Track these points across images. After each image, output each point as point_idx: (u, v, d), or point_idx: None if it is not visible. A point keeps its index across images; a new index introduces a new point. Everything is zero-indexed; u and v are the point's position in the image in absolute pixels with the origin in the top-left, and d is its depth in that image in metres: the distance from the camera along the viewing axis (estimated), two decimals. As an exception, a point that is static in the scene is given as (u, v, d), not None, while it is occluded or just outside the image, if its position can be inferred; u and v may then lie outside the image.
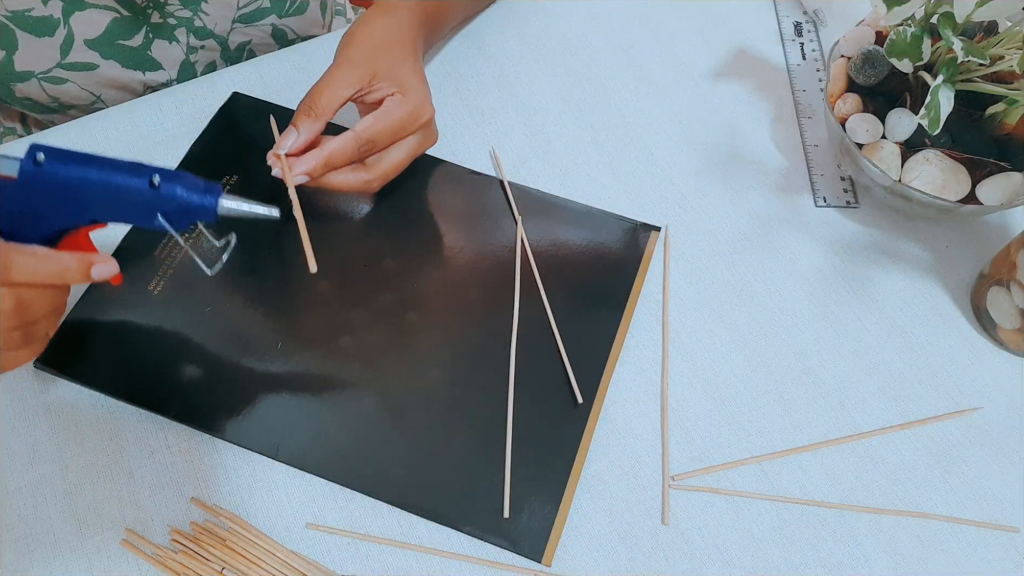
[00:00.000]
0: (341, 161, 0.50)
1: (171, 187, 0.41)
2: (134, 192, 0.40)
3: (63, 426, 0.50)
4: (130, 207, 0.41)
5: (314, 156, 0.49)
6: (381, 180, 0.53)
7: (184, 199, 0.41)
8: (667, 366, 0.53)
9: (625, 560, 0.47)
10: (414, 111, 0.52)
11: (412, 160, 0.55)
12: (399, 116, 0.52)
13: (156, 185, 0.40)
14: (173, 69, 0.68)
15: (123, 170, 0.40)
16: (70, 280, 0.41)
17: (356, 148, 0.51)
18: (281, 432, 0.50)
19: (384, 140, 0.52)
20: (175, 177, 0.41)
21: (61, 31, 0.60)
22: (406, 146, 0.53)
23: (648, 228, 0.58)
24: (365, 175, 0.52)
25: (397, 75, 0.53)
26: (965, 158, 0.52)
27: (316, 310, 0.54)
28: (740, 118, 0.64)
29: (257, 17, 0.69)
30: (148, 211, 0.41)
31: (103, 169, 0.40)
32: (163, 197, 0.41)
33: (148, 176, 0.40)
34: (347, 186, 0.52)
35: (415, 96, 0.52)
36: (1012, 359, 0.54)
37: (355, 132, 0.50)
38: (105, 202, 0.41)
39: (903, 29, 0.51)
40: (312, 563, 0.46)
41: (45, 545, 0.47)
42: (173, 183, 0.41)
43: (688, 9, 0.70)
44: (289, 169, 0.49)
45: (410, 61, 0.54)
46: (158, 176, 0.40)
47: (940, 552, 0.48)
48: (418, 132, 0.53)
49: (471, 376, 0.52)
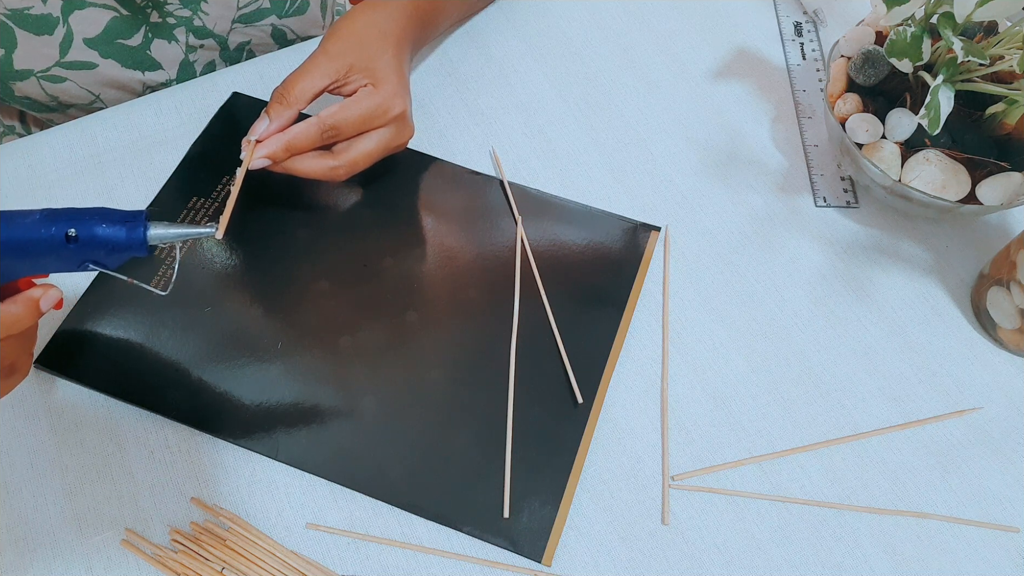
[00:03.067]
0: (303, 146, 0.51)
1: (89, 233, 0.38)
2: (52, 247, 0.38)
3: (63, 426, 0.50)
4: (54, 260, 0.39)
5: (276, 140, 0.50)
6: (348, 168, 0.53)
7: (107, 240, 0.38)
8: (667, 366, 0.53)
9: (625, 560, 0.47)
10: (383, 103, 0.52)
11: (385, 153, 0.55)
12: (367, 106, 0.52)
13: (73, 237, 0.38)
14: (172, 69, 0.68)
15: (33, 227, 0.38)
16: (24, 326, 0.40)
17: (319, 133, 0.51)
18: (281, 432, 0.50)
19: (349, 129, 0.52)
20: (92, 217, 0.38)
21: (60, 30, 0.60)
22: (376, 137, 0.53)
23: (648, 228, 0.58)
24: (332, 162, 0.52)
25: (372, 68, 0.53)
26: (965, 158, 0.52)
27: (316, 310, 0.54)
28: (740, 118, 0.64)
29: (257, 17, 0.69)
30: (73, 261, 0.39)
31: (12, 231, 0.37)
32: (85, 246, 0.38)
33: (63, 229, 0.38)
34: (312, 172, 0.52)
35: (387, 89, 0.52)
36: (1012, 359, 0.54)
37: (319, 117, 0.51)
38: (25, 262, 0.39)
39: (903, 29, 0.51)
40: (312, 563, 0.46)
41: (45, 545, 0.47)
42: (90, 225, 0.38)
43: (688, 9, 0.70)
44: (252, 152, 0.49)
45: (389, 55, 0.54)
46: (74, 228, 0.38)
47: (940, 552, 0.48)
48: (389, 125, 0.53)
49: (471, 376, 0.52)
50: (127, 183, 0.60)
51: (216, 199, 0.58)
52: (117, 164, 0.61)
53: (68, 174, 0.61)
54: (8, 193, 0.60)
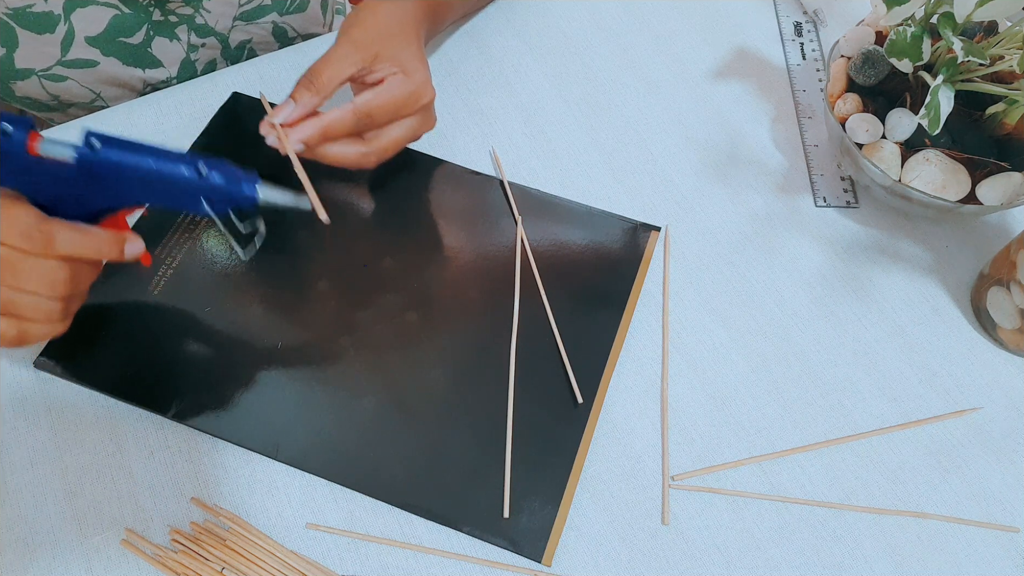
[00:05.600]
0: (338, 132, 0.50)
1: (216, 175, 0.44)
2: (182, 179, 0.44)
3: (63, 426, 0.50)
4: (176, 193, 0.44)
5: (311, 124, 0.49)
6: (378, 155, 0.53)
7: (226, 188, 0.44)
8: (667, 366, 0.53)
9: (625, 560, 0.47)
10: (416, 91, 0.52)
11: (410, 142, 0.54)
12: (400, 94, 0.52)
13: (204, 174, 0.44)
14: (173, 67, 0.68)
15: (172, 158, 0.43)
16: (106, 256, 0.45)
17: (354, 120, 0.50)
18: (281, 432, 0.50)
19: (383, 116, 0.52)
20: (218, 166, 0.44)
21: (62, 27, 0.60)
22: (405, 125, 0.53)
23: (648, 228, 0.58)
24: (363, 148, 0.52)
25: (400, 57, 0.53)
26: (965, 158, 0.52)
27: (316, 310, 0.54)
28: (740, 118, 0.64)
29: (258, 15, 0.69)
30: (193, 196, 0.44)
31: (153, 157, 0.43)
32: (209, 184, 0.44)
33: (195, 164, 0.44)
34: (344, 159, 0.52)
35: (417, 77, 0.52)
36: (1012, 359, 0.54)
37: (354, 104, 0.50)
38: (153, 188, 0.44)
39: (903, 29, 0.51)
40: (312, 563, 0.46)
41: (45, 545, 0.47)
42: (217, 171, 0.44)
43: (688, 9, 0.70)
44: (286, 136, 0.49)
45: (413, 46, 0.54)
46: (204, 166, 0.44)
47: (940, 552, 0.48)
48: (417, 113, 0.53)
49: (471, 376, 0.52)
50: (127, 183, 0.60)
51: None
52: (117, 164, 0.61)
53: (68, 174, 0.61)
54: (8, 193, 0.60)
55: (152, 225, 0.57)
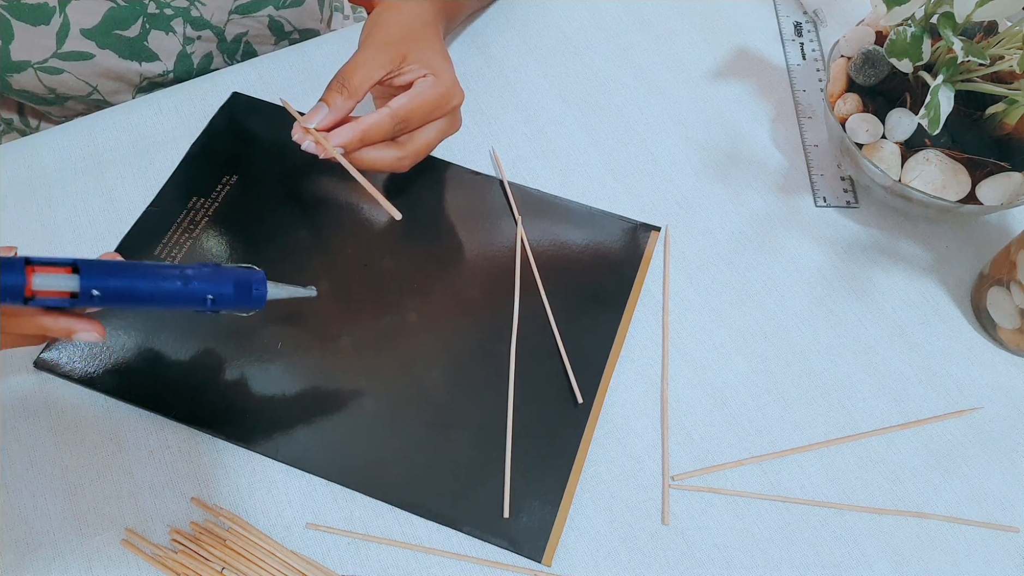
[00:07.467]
0: (376, 137, 0.50)
1: (223, 301, 0.41)
2: (190, 302, 0.41)
3: (63, 426, 0.50)
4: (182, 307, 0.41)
5: (350, 129, 0.49)
6: (412, 158, 0.53)
7: (233, 306, 0.42)
8: (667, 366, 0.53)
9: (625, 560, 0.47)
10: (447, 93, 0.52)
11: (439, 143, 0.55)
12: (432, 96, 0.52)
13: (210, 305, 0.41)
14: (169, 60, 0.67)
15: (176, 296, 0.40)
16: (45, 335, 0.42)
17: (391, 125, 0.50)
18: (281, 432, 0.50)
19: (417, 120, 0.52)
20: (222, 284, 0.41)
21: (57, 19, 0.60)
22: (436, 128, 0.53)
23: (648, 228, 0.58)
24: (398, 152, 0.52)
25: (427, 58, 0.53)
26: (965, 158, 0.52)
27: (316, 310, 0.54)
28: (740, 118, 0.64)
29: (254, 8, 0.68)
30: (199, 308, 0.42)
31: (157, 296, 0.40)
32: (216, 309, 0.42)
33: (203, 297, 0.41)
34: (379, 163, 0.52)
35: (446, 78, 0.53)
36: (1012, 359, 0.54)
37: (391, 109, 0.50)
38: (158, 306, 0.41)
39: (903, 29, 0.51)
40: (312, 563, 0.46)
41: (45, 545, 0.47)
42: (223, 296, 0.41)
43: (688, 9, 0.70)
44: (325, 139, 0.49)
45: (437, 46, 0.54)
46: (210, 296, 0.41)
47: (940, 552, 0.48)
48: (448, 115, 0.54)
49: (471, 376, 0.52)
50: (127, 183, 0.60)
51: (216, 199, 0.58)
52: (117, 164, 0.61)
53: (68, 174, 0.61)
54: (8, 193, 0.60)
55: (152, 225, 0.57)
